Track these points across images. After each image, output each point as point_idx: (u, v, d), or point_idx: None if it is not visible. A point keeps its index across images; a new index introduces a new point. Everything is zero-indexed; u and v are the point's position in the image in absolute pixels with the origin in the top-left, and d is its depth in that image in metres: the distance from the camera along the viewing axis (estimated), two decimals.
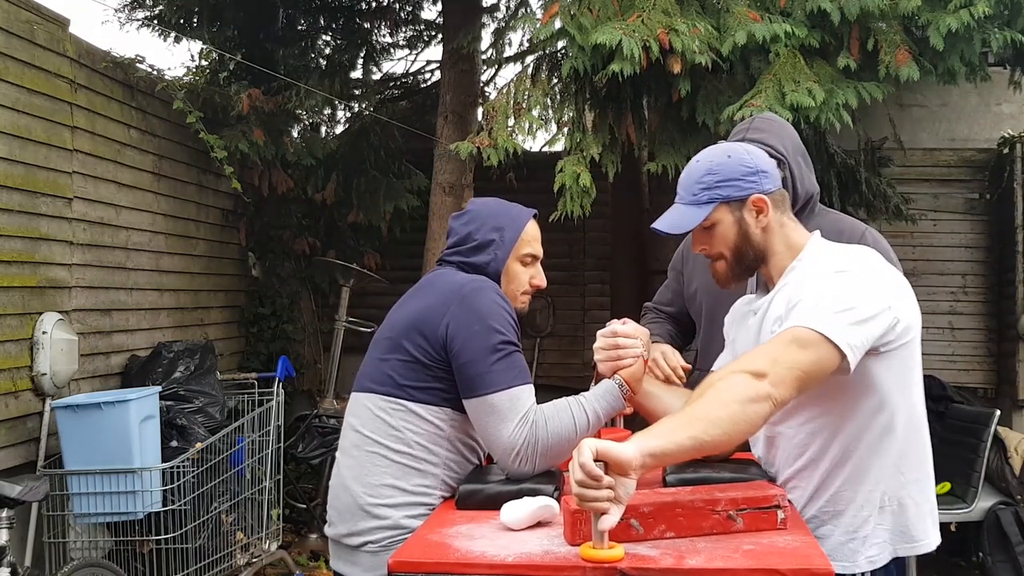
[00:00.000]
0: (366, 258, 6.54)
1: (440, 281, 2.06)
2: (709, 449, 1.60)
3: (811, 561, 1.50)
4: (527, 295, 2.17)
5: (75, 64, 4.41)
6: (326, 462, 5.27)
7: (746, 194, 1.90)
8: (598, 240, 6.92)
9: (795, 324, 1.72)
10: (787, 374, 1.66)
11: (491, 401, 1.91)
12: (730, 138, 2.48)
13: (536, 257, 2.17)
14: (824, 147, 5.25)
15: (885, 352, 1.79)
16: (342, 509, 2.03)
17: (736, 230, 1.91)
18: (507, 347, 1.94)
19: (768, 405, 1.64)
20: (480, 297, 1.97)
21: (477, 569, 1.53)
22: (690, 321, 2.73)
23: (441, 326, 1.95)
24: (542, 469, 1.93)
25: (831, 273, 1.81)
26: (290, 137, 6.05)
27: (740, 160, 1.92)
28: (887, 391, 1.82)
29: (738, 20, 4.14)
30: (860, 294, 1.75)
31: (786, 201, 1.97)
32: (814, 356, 1.68)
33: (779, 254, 1.93)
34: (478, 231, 2.10)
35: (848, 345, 1.69)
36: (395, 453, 1.97)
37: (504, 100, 4.71)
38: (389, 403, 1.99)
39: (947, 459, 4.99)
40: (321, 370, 6.63)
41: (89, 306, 4.49)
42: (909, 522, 1.88)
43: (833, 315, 1.70)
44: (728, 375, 1.67)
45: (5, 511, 3.21)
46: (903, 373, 1.85)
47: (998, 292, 6.30)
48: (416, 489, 1.97)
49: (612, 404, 2.01)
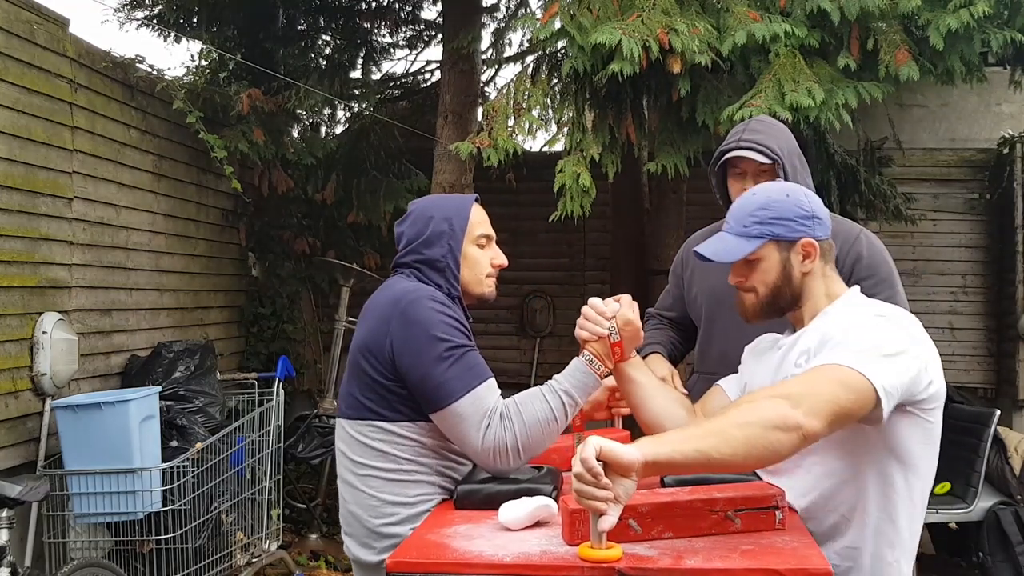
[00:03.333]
0: (366, 258, 6.54)
1: (381, 298, 2.04)
2: (717, 466, 1.56)
3: (809, 561, 1.50)
4: (491, 277, 2.15)
5: (75, 64, 4.41)
6: (326, 462, 5.27)
7: (797, 236, 1.87)
8: (598, 240, 6.92)
9: (835, 361, 1.67)
10: (824, 407, 1.60)
11: (456, 410, 1.90)
12: (726, 140, 2.49)
13: (490, 238, 2.16)
14: (824, 147, 5.25)
15: (912, 413, 1.76)
16: (354, 535, 2.04)
17: (779, 270, 1.88)
18: (455, 351, 1.92)
19: (797, 436, 1.57)
20: (416, 309, 1.95)
21: (475, 569, 1.53)
22: (692, 326, 2.72)
23: (386, 346, 1.95)
24: (525, 461, 1.92)
25: (872, 316, 1.79)
26: (290, 137, 6.06)
27: (797, 201, 1.89)
28: (913, 455, 1.79)
29: (738, 20, 4.14)
30: (899, 346, 1.71)
31: (832, 252, 1.96)
32: (853, 396, 1.63)
33: (812, 300, 1.90)
34: (426, 227, 2.08)
35: (884, 391, 1.64)
36: (387, 472, 1.97)
37: (504, 100, 4.70)
38: (365, 427, 1.99)
39: (947, 459, 4.95)
40: (321, 370, 6.63)
41: (89, 306, 4.49)
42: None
43: (873, 359, 1.66)
44: (760, 398, 1.62)
45: (5, 511, 3.22)
46: (928, 439, 1.81)
47: (998, 292, 6.30)
48: (416, 500, 1.97)
49: (583, 380, 1.97)
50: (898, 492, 1.79)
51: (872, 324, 1.76)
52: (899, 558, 1.83)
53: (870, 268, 2.36)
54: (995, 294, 6.32)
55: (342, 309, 5.73)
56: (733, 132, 2.52)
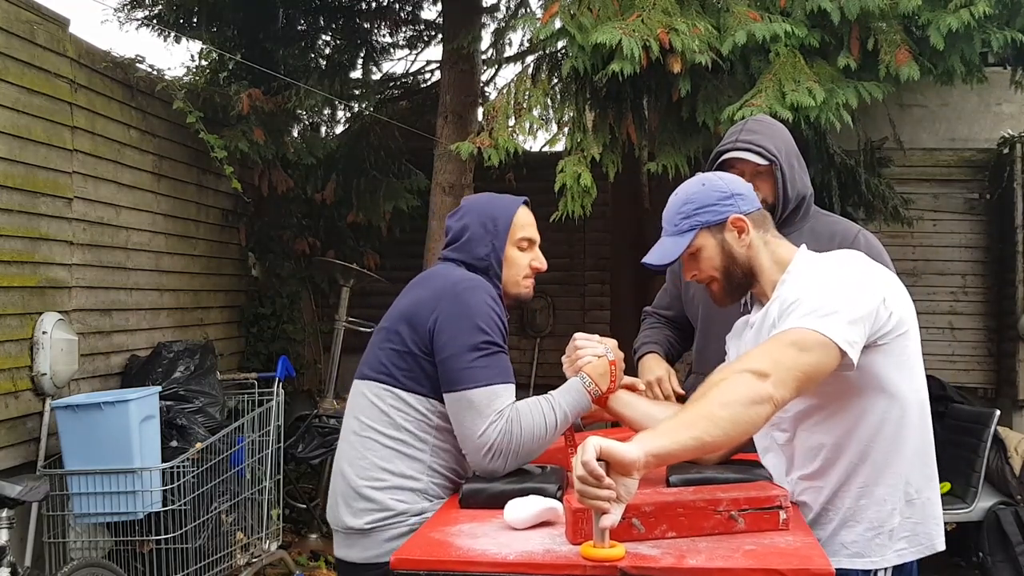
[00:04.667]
0: (366, 258, 6.54)
1: (437, 276, 2.10)
2: (710, 449, 1.64)
3: (812, 562, 1.50)
4: (529, 279, 2.22)
5: (75, 64, 4.41)
6: (326, 462, 5.27)
7: (723, 217, 1.97)
8: (598, 240, 6.92)
9: (793, 326, 1.75)
10: (788, 376, 1.68)
11: (469, 396, 1.94)
12: (724, 139, 2.48)
13: (533, 241, 2.22)
14: (824, 147, 5.25)
15: (883, 344, 1.82)
16: (336, 493, 2.08)
17: (720, 252, 1.98)
18: (490, 347, 1.98)
19: (769, 407, 1.66)
20: (471, 295, 2.01)
21: (478, 567, 1.53)
22: (689, 325, 2.72)
23: (430, 320, 1.99)
24: (512, 468, 1.95)
25: (822, 276, 1.87)
26: (290, 137, 6.05)
27: (714, 187, 2.01)
28: (894, 383, 1.86)
29: (738, 20, 4.14)
30: (852, 292, 1.79)
31: (767, 220, 2.04)
32: (814, 358, 1.71)
33: (768, 270, 1.98)
34: (472, 224, 2.14)
35: (847, 342, 1.72)
36: (385, 438, 2.02)
37: (504, 100, 4.70)
38: (382, 389, 2.04)
39: (947, 459, 4.96)
40: (321, 370, 6.62)
41: (89, 306, 4.49)
42: (932, 516, 1.91)
43: (828, 314, 1.73)
44: (731, 375, 1.68)
45: (5, 511, 3.22)
46: (905, 363, 1.88)
47: (998, 292, 6.30)
48: (404, 473, 2.01)
49: (578, 400, 2.05)
50: (891, 420, 1.86)
51: (824, 279, 1.84)
52: (920, 487, 1.89)
53: None
54: (995, 294, 6.32)
55: (342, 309, 5.72)
56: (730, 132, 2.51)
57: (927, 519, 1.91)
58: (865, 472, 1.87)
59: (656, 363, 2.56)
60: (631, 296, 6.13)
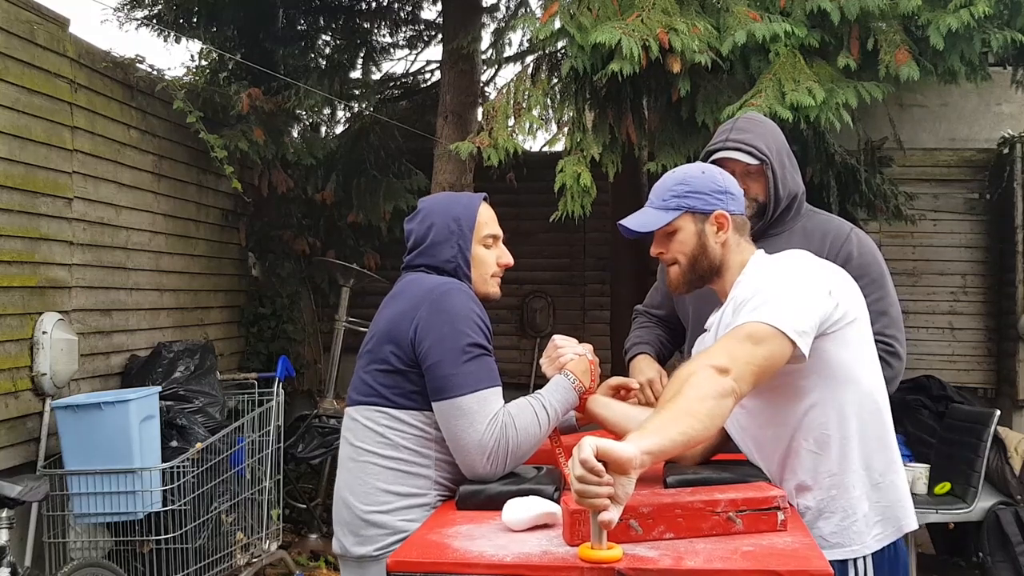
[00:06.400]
0: (366, 258, 6.53)
1: (410, 286, 2.06)
2: (694, 443, 1.68)
3: (810, 563, 1.50)
4: (496, 277, 2.19)
5: (75, 64, 4.41)
6: (326, 462, 5.27)
7: (711, 208, 2.02)
8: (598, 240, 6.91)
9: (746, 320, 1.82)
10: (746, 369, 1.75)
11: (459, 404, 1.91)
12: (714, 138, 2.45)
13: (497, 237, 2.18)
14: (824, 147, 5.24)
15: (833, 332, 1.89)
16: (342, 523, 2.04)
17: (695, 240, 2.04)
18: (476, 350, 1.94)
19: (732, 400, 1.72)
20: (450, 299, 1.97)
21: (475, 569, 1.53)
22: (680, 324, 2.69)
23: (410, 330, 1.96)
24: (508, 470, 1.94)
25: (771, 274, 1.95)
26: (290, 137, 6.05)
27: (712, 178, 2.05)
28: (846, 369, 1.92)
29: (738, 20, 4.13)
30: (799, 286, 1.88)
31: (746, 227, 2.11)
32: (767, 350, 1.78)
33: (731, 270, 2.06)
34: (435, 226, 2.11)
35: (796, 331, 1.79)
36: (385, 459, 1.98)
37: (504, 100, 4.70)
38: (374, 412, 2.00)
39: (947, 459, 4.99)
40: (321, 370, 6.63)
41: (89, 306, 4.49)
42: (899, 498, 1.97)
43: (778, 308, 1.81)
44: (697, 370, 1.73)
45: (5, 511, 3.22)
46: (857, 349, 1.95)
47: (998, 292, 6.29)
48: (410, 491, 1.97)
49: (565, 397, 2.05)
50: (850, 407, 1.92)
51: (772, 276, 1.93)
52: (883, 470, 1.95)
53: (861, 268, 2.30)
54: (995, 294, 6.31)
55: (342, 309, 5.73)
56: (720, 131, 2.47)
57: (894, 502, 1.97)
58: (831, 461, 1.92)
59: (647, 364, 2.55)
60: (631, 296, 6.11)
